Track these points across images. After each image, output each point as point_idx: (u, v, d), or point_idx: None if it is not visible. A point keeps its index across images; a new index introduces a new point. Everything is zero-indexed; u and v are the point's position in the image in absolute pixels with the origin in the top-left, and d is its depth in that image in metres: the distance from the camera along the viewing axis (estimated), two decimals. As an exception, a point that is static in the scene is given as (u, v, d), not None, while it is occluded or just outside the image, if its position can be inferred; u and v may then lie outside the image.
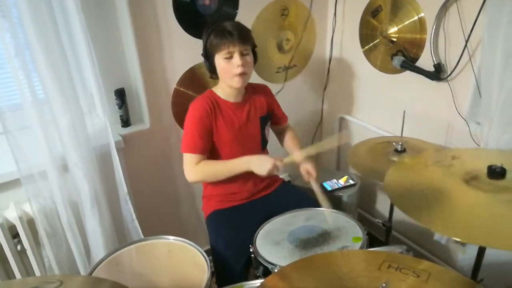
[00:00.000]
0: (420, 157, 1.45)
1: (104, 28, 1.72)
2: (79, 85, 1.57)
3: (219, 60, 1.49)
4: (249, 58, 1.52)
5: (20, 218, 1.51)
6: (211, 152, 1.61)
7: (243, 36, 1.48)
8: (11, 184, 1.57)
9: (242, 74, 1.50)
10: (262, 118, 1.69)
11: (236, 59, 1.47)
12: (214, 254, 1.57)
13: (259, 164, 1.52)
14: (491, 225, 1.02)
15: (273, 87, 2.16)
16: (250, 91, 1.67)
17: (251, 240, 1.42)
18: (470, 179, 1.19)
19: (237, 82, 1.52)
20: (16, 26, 1.34)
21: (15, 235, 1.55)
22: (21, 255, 1.59)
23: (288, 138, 1.83)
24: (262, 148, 1.74)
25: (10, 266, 1.57)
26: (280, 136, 1.87)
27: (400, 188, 1.22)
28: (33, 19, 1.33)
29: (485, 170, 1.19)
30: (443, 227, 1.03)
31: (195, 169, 1.55)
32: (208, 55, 1.52)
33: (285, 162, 1.54)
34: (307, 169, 1.59)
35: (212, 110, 1.55)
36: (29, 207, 1.54)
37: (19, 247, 1.57)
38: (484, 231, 1.00)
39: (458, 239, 1.01)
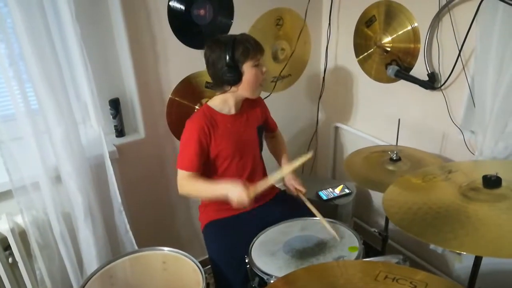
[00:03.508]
0: (415, 174, 1.41)
1: (98, 37, 1.72)
2: (73, 95, 1.57)
3: (250, 68, 1.50)
4: None
5: (12, 230, 1.49)
6: (212, 165, 1.61)
7: (262, 47, 1.54)
8: (3, 196, 1.55)
9: (262, 83, 1.58)
10: (259, 128, 1.71)
11: (263, 66, 1.55)
12: (213, 266, 1.56)
13: (232, 194, 1.44)
14: (496, 234, 1.01)
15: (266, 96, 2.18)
16: (246, 102, 1.68)
17: (247, 251, 1.41)
18: (468, 191, 1.19)
19: (259, 92, 1.61)
20: (10, 36, 1.33)
21: (7, 247, 1.53)
22: (13, 267, 1.57)
23: (276, 145, 1.89)
24: (260, 157, 1.76)
25: (1, 278, 1.54)
26: (270, 142, 1.91)
27: (399, 206, 1.21)
28: (27, 29, 1.32)
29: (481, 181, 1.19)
30: (452, 244, 1.02)
31: (185, 182, 1.55)
32: (235, 64, 1.48)
33: (258, 191, 1.46)
34: (295, 186, 1.66)
35: (209, 128, 1.55)
36: (21, 219, 1.51)
37: (10, 260, 1.55)
38: (490, 242, 1.00)
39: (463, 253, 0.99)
